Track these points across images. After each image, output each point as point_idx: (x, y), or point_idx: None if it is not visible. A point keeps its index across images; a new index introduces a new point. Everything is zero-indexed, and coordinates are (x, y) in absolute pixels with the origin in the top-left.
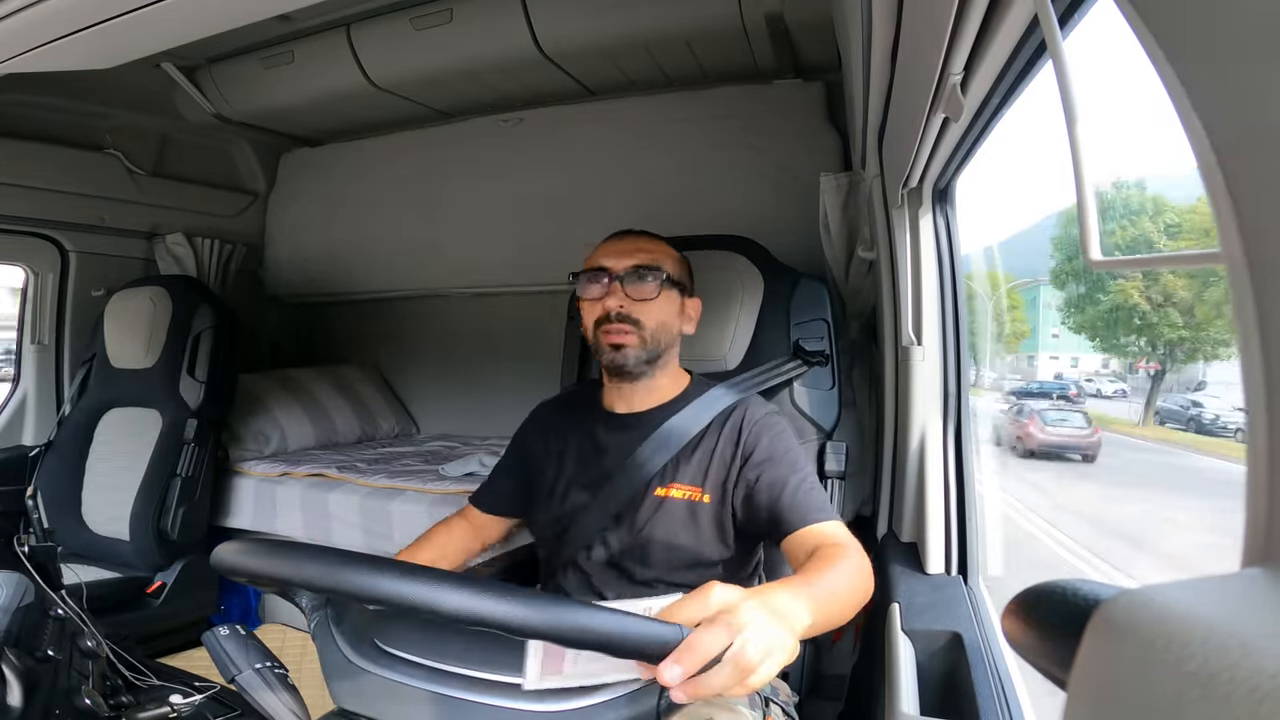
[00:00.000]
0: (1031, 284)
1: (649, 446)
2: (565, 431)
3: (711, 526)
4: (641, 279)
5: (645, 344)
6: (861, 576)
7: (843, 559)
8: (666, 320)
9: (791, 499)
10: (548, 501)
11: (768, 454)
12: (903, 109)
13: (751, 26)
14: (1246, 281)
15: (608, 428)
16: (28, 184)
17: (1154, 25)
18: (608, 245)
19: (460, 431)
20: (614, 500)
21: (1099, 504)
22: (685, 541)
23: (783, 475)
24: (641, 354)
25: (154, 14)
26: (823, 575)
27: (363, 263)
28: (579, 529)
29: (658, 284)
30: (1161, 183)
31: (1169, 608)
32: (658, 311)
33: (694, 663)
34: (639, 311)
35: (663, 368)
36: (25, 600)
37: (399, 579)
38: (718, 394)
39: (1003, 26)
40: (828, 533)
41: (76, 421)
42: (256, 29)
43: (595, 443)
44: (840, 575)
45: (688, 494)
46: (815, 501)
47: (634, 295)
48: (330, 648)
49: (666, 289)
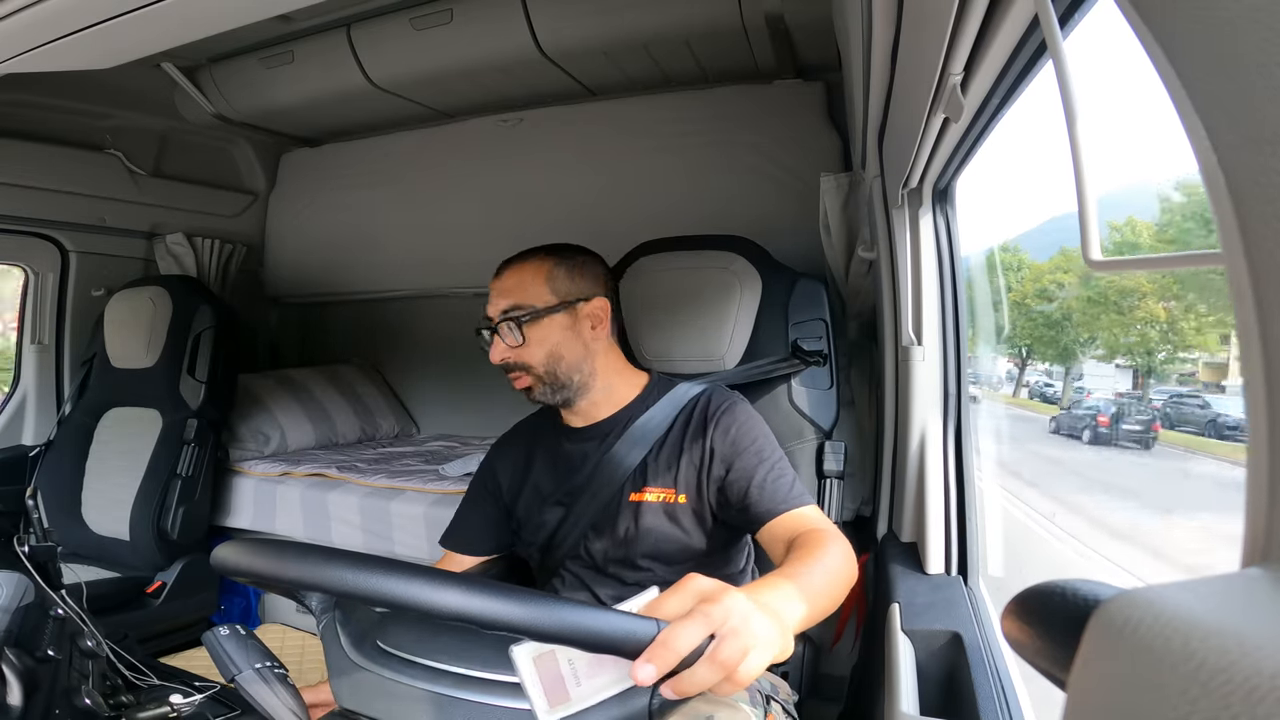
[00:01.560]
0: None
1: (617, 452)
2: (530, 456)
3: (694, 524)
4: (509, 330)
5: (544, 380)
6: (844, 560)
7: (822, 546)
8: (554, 349)
9: (759, 490)
10: (526, 525)
11: (733, 446)
12: (903, 109)
13: (751, 26)
14: (1246, 281)
15: (570, 442)
16: (28, 184)
17: (1154, 25)
18: (491, 285)
19: (460, 431)
20: (590, 509)
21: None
22: (670, 542)
23: (750, 466)
24: (546, 390)
25: (154, 14)
26: (808, 566)
27: (363, 263)
28: (559, 542)
29: (519, 328)
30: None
31: (1169, 608)
32: (538, 348)
33: (668, 660)
34: (520, 356)
35: (592, 385)
36: (25, 600)
37: (394, 578)
38: (683, 389)
39: (1003, 26)
40: (800, 518)
41: (76, 421)
42: (256, 29)
43: (562, 458)
44: (824, 563)
45: (663, 496)
46: (783, 489)
47: (509, 343)
48: (335, 649)
49: (534, 324)
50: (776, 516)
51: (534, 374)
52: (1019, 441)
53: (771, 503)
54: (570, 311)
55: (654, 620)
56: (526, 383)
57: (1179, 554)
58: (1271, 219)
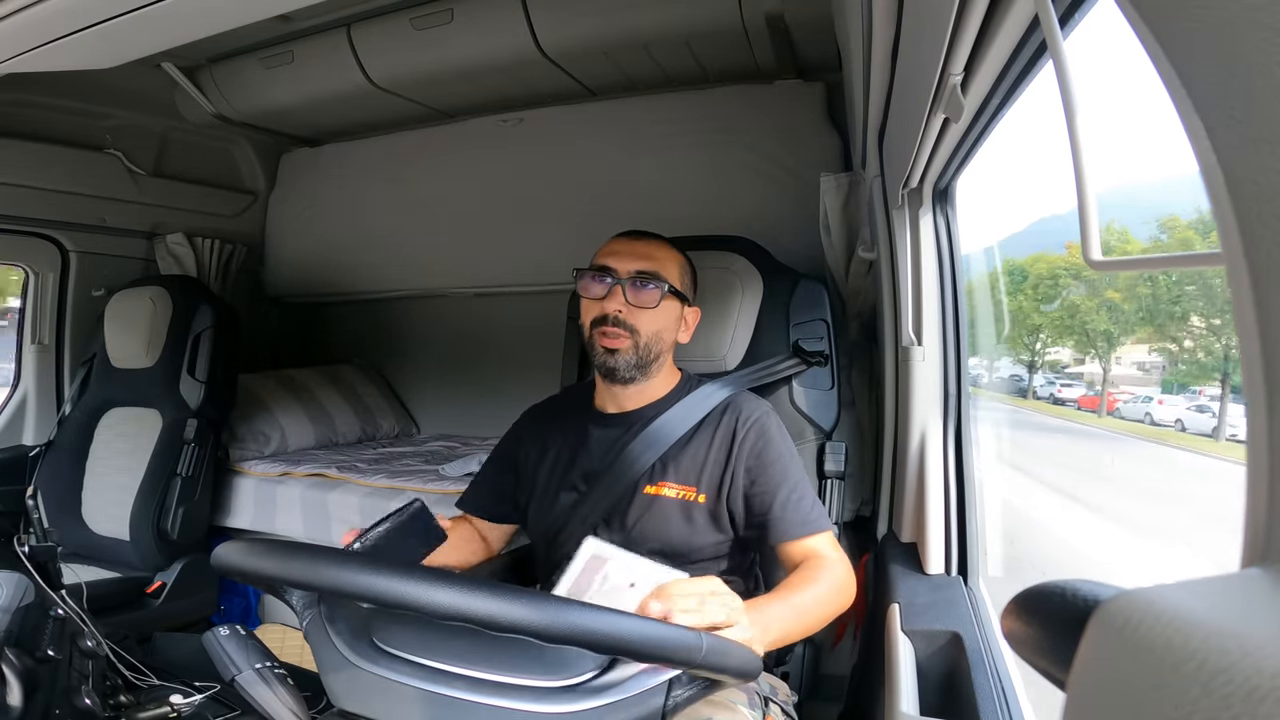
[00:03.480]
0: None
1: (638, 445)
2: (555, 433)
3: (708, 524)
4: (643, 286)
5: (638, 350)
6: (836, 591)
7: (818, 577)
8: (663, 330)
9: (781, 511)
10: (540, 502)
11: (759, 459)
12: (903, 109)
13: (751, 26)
14: (1247, 281)
15: (597, 427)
16: (28, 184)
17: (1154, 25)
18: (615, 244)
19: (460, 431)
20: (605, 499)
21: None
22: (678, 538)
23: (774, 485)
24: (633, 359)
25: (154, 14)
26: (797, 593)
27: (363, 263)
28: (571, 528)
29: (659, 294)
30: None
31: (1169, 608)
32: (655, 320)
33: (667, 597)
34: (636, 318)
35: (654, 376)
36: (25, 600)
37: (398, 579)
38: (708, 390)
39: (1003, 26)
40: (810, 548)
41: (77, 421)
42: (256, 29)
43: (584, 443)
44: (813, 592)
45: (681, 493)
46: (802, 514)
47: (634, 302)
48: (326, 647)
49: (668, 299)
50: (791, 541)
51: (636, 339)
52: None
53: (789, 525)
54: (684, 307)
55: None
56: (623, 343)
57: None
58: (1271, 219)
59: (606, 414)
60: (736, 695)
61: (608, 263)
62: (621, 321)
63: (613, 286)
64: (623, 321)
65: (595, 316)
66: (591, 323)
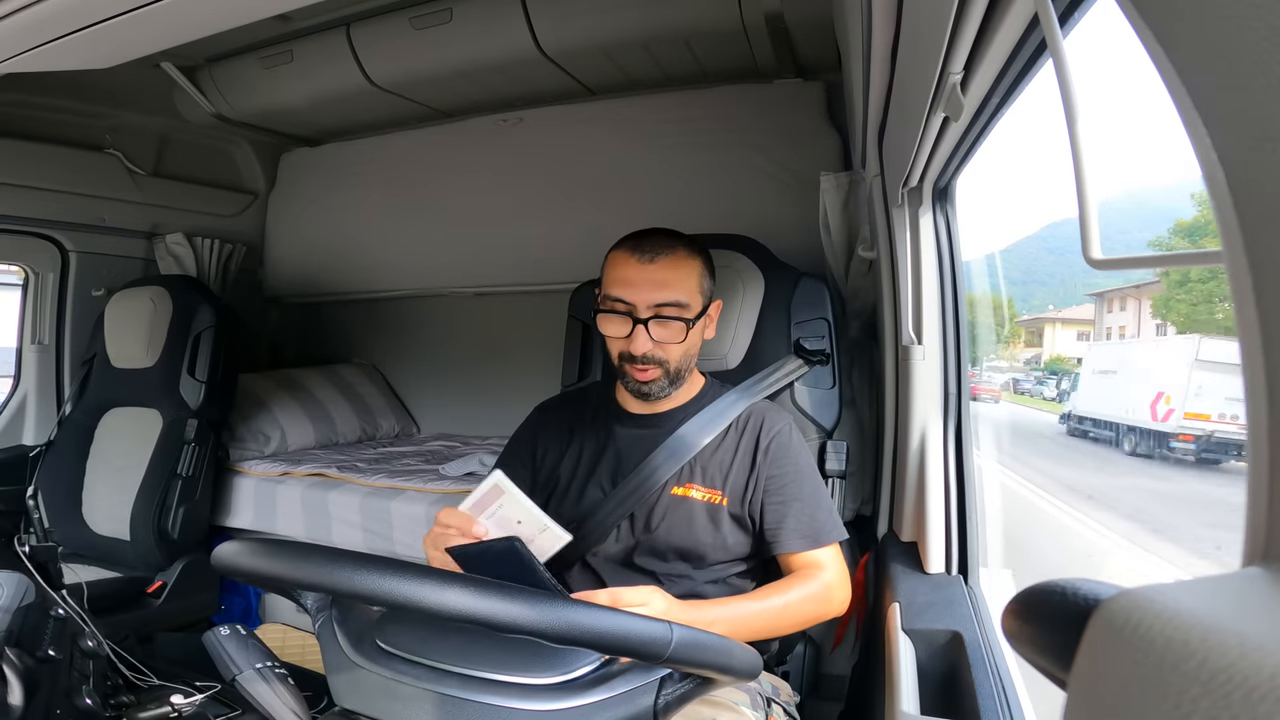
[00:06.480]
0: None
1: (663, 452)
2: (578, 428)
3: (732, 528)
4: (666, 323)
5: (669, 375)
6: (808, 599)
7: (792, 585)
8: (691, 348)
9: (787, 525)
10: (563, 497)
11: (780, 469)
12: (903, 108)
13: (751, 26)
14: (1247, 281)
15: (623, 426)
16: (28, 184)
17: (1154, 25)
18: (629, 269)
19: (460, 431)
20: (632, 497)
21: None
22: (702, 541)
23: (787, 499)
24: (665, 383)
25: (154, 14)
26: (757, 600)
27: (363, 263)
28: (594, 525)
29: (684, 327)
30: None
31: (1169, 607)
32: (683, 347)
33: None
34: (665, 351)
35: (684, 382)
36: (26, 600)
37: (396, 578)
38: (731, 399)
39: (1003, 26)
40: (806, 560)
41: (77, 421)
42: (256, 29)
43: (611, 440)
44: (783, 598)
45: (708, 496)
46: (804, 529)
47: (659, 338)
48: (333, 647)
49: (693, 327)
50: (789, 554)
51: (667, 369)
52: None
53: (789, 538)
54: (707, 313)
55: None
56: (655, 375)
57: None
58: (1271, 219)
59: (632, 414)
60: (739, 696)
61: (625, 296)
62: (650, 358)
63: (635, 327)
64: (651, 358)
65: (622, 352)
66: (619, 356)
